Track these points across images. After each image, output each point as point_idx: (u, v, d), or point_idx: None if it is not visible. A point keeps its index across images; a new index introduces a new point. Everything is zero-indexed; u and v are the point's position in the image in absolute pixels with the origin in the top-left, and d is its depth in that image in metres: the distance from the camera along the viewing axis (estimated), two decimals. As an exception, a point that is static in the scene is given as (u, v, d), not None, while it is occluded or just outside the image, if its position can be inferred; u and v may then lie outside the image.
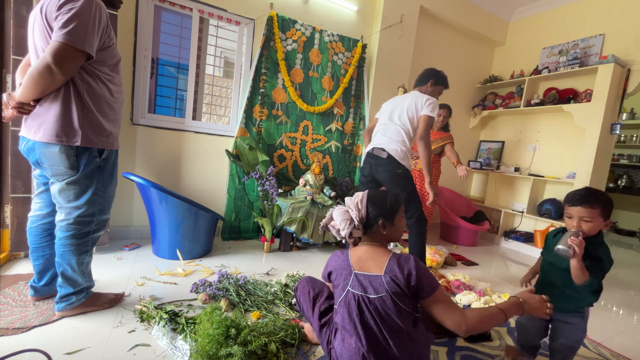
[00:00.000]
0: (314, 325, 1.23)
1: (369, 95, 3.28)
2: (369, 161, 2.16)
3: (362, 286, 1.06)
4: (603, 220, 1.21)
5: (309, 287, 1.31)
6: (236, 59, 2.85)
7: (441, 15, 3.54)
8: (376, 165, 2.10)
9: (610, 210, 1.21)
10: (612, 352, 1.61)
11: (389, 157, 2.05)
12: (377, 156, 2.09)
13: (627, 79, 2.95)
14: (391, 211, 1.17)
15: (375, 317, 1.02)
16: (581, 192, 1.24)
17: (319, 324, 1.20)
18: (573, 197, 1.25)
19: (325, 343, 1.18)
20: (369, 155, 2.17)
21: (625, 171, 5.12)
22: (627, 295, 2.51)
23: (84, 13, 1.17)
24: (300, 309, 1.35)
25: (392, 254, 1.09)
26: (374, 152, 2.12)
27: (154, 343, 1.30)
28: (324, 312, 1.22)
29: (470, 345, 1.52)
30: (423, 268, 1.04)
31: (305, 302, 1.28)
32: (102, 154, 1.36)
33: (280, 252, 2.63)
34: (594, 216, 1.20)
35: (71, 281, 1.39)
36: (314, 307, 1.25)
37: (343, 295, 1.09)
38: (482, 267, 2.82)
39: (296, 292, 1.36)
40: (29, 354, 1.12)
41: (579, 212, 1.22)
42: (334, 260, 1.20)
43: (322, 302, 1.25)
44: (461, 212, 3.83)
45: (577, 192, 1.25)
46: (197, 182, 2.73)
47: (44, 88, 1.19)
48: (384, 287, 1.02)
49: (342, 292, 1.10)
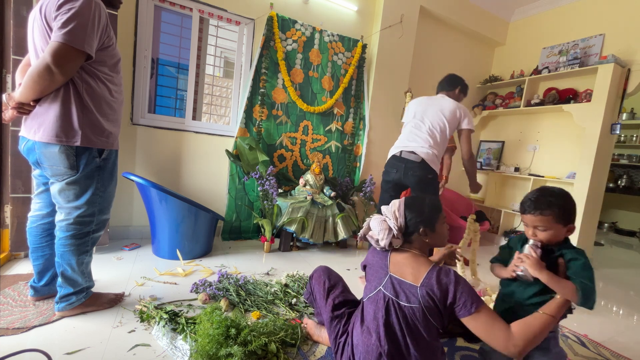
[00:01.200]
0: (325, 315, 1.23)
1: (369, 95, 3.27)
2: (397, 165, 2.06)
3: (394, 290, 1.04)
4: (562, 226, 1.02)
5: (324, 277, 1.32)
6: (236, 59, 2.85)
7: (441, 15, 3.54)
8: (406, 168, 2.01)
9: (569, 214, 1.02)
10: (612, 352, 1.61)
11: (422, 162, 1.98)
12: (409, 160, 2.01)
13: (627, 79, 2.95)
14: (431, 217, 1.11)
15: (401, 323, 1.00)
16: (532, 196, 1.06)
17: (331, 315, 1.21)
18: (524, 203, 1.07)
19: (334, 336, 1.18)
20: (397, 159, 2.07)
21: (625, 171, 5.12)
22: (627, 295, 2.51)
23: (84, 13, 1.17)
24: (310, 297, 1.36)
25: (433, 266, 1.02)
26: (403, 155, 2.03)
27: (154, 343, 1.30)
28: (338, 305, 1.23)
29: (470, 345, 1.52)
30: (463, 284, 0.97)
31: (319, 291, 1.29)
32: (102, 154, 1.36)
33: (280, 252, 2.63)
34: (547, 223, 1.01)
35: (71, 281, 1.39)
36: (327, 297, 1.26)
37: (374, 292, 1.09)
38: (482, 267, 2.82)
39: (311, 280, 1.37)
40: (29, 354, 1.12)
41: (531, 221, 1.05)
42: (372, 255, 1.20)
43: (337, 295, 1.26)
44: (461, 212, 3.83)
45: (529, 196, 1.07)
46: (197, 182, 2.73)
47: (44, 88, 1.19)
48: (417, 299, 0.98)
49: (373, 290, 1.10)
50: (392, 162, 2.11)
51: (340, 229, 2.75)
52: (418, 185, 2.01)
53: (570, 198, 1.04)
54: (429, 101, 2.15)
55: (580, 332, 1.78)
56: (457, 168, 4.19)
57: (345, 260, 2.60)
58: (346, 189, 3.14)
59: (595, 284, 0.96)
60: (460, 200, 3.93)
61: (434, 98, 2.18)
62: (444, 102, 2.10)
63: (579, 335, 1.74)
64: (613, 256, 3.80)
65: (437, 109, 2.07)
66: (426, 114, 2.09)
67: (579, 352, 1.58)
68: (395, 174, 2.07)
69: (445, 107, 2.07)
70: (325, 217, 2.73)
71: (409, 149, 2.02)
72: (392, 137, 3.23)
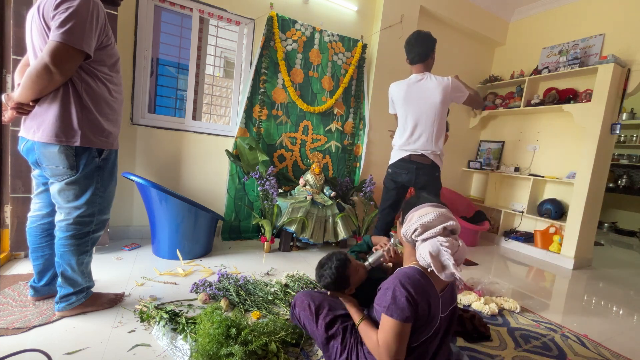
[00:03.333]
0: (319, 339, 1.20)
1: (369, 95, 3.27)
2: (408, 166, 2.04)
3: None
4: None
5: (308, 300, 1.27)
6: (236, 59, 2.85)
7: (441, 15, 3.54)
8: (417, 169, 2.02)
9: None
10: (612, 352, 1.61)
11: (432, 163, 2.01)
12: (419, 162, 2.01)
13: (627, 79, 2.95)
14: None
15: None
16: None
17: (325, 336, 1.17)
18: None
19: (334, 357, 1.15)
20: (406, 161, 2.05)
21: (625, 171, 5.12)
22: (627, 295, 2.51)
23: (81, 12, 1.16)
24: (300, 325, 1.31)
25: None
26: (412, 158, 2.02)
27: (154, 343, 1.30)
28: (330, 323, 1.19)
29: (470, 345, 1.52)
30: (388, 284, 1.01)
31: (307, 316, 1.24)
32: (101, 153, 1.36)
33: (280, 252, 2.63)
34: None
35: (71, 281, 1.39)
36: (317, 320, 1.21)
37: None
38: (482, 267, 2.82)
39: (294, 310, 1.31)
40: (29, 354, 1.12)
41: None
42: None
43: (325, 314, 1.21)
44: (461, 212, 3.83)
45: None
46: (197, 182, 2.73)
47: (42, 88, 1.19)
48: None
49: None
50: (400, 164, 2.09)
51: (340, 229, 2.75)
52: (429, 184, 2.03)
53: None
54: (417, 94, 2.01)
55: (580, 332, 1.78)
56: (458, 168, 4.19)
57: (345, 260, 2.60)
58: (346, 189, 3.14)
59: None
60: (460, 200, 3.93)
61: (419, 87, 2.02)
62: (432, 92, 1.97)
63: (579, 335, 1.74)
64: (613, 256, 3.80)
65: (429, 99, 1.97)
66: (421, 107, 2.00)
67: (579, 352, 1.58)
68: (406, 176, 2.06)
69: (437, 98, 1.96)
70: (325, 217, 2.73)
71: (418, 152, 2.02)
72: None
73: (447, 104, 2.04)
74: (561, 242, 3.18)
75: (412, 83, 2.05)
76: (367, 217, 3.00)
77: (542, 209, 3.43)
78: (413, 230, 1.03)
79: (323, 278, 1.22)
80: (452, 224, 1.00)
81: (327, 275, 1.20)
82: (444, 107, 2.02)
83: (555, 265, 3.12)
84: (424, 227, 1.01)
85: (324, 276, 1.21)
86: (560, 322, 1.89)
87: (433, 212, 1.02)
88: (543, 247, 3.31)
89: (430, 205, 1.05)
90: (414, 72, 2.08)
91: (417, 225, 1.02)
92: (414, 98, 2.04)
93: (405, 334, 0.96)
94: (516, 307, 1.96)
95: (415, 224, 1.02)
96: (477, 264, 2.90)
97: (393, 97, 2.16)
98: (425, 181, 2.04)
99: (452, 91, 2.00)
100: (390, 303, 0.95)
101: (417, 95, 2.03)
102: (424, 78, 2.03)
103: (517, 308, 1.95)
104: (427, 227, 1.01)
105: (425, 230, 1.01)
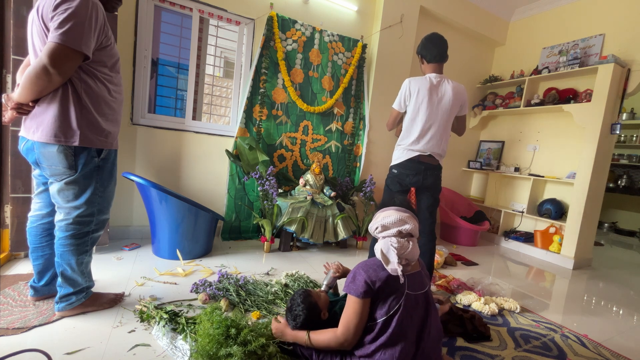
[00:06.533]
0: (306, 351, 1.22)
1: (369, 95, 3.27)
2: (417, 167, 1.99)
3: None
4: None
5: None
6: (236, 59, 2.85)
7: (441, 15, 3.54)
8: (426, 170, 1.98)
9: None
10: (612, 352, 1.61)
11: (439, 165, 2.02)
12: (429, 163, 1.99)
13: (627, 79, 2.95)
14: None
15: None
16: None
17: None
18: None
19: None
20: (416, 162, 1.99)
21: (625, 171, 5.12)
22: (627, 295, 2.51)
23: (80, 13, 1.16)
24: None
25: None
26: (421, 159, 1.99)
27: (154, 343, 1.30)
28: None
29: (470, 345, 1.52)
30: (352, 270, 1.16)
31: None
32: (100, 153, 1.36)
33: (280, 252, 2.63)
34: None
35: (71, 281, 1.39)
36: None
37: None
38: (482, 267, 2.82)
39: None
40: (29, 354, 1.12)
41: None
42: None
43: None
44: (461, 212, 3.84)
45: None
46: (197, 182, 2.73)
47: (42, 89, 1.19)
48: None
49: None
50: (408, 164, 2.01)
51: (341, 229, 2.75)
52: (435, 185, 2.03)
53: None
54: (437, 95, 1.98)
55: (580, 332, 1.78)
56: (458, 168, 4.19)
57: (345, 260, 2.60)
58: (346, 189, 3.14)
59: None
60: (460, 200, 3.93)
61: (439, 89, 1.98)
62: (449, 90, 1.96)
63: (579, 335, 1.74)
64: (613, 256, 3.80)
65: (446, 101, 1.96)
66: (438, 112, 1.97)
67: (579, 352, 1.58)
68: (414, 177, 2.00)
69: (450, 97, 1.96)
70: (325, 217, 2.73)
71: (427, 153, 1.98)
72: (392, 137, 3.24)
73: (457, 110, 2.05)
74: (561, 242, 3.18)
75: (433, 83, 1.98)
76: (367, 217, 3.00)
77: (542, 209, 3.43)
78: (375, 227, 1.20)
79: (298, 316, 1.23)
80: (407, 227, 1.15)
81: (300, 311, 1.23)
82: (455, 112, 2.04)
83: (555, 265, 3.12)
84: (383, 227, 1.17)
85: (298, 314, 1.23)
86: (560, 322, 1.89)
87: (394, 216, 1.16)
88: (543, 247, 3.32)
89: (395, 209, 1.20)
90: (430, 72, 2.01)
91: (378, 225, 1.18)
92: (433, 98, 1.97)
93: (363, 311, 1.09)
94: (516, 307, 1.96)
95: (378, 223, 1.18)
96: (477, 263, 2.90)
97: (411, 92, 2.01)
98: (431, 182, 2.02)
99: (464, 101, 2.04)
100: (350, 282, 1.12)
101: (436, 96, 1.98)
102: (442, 80, 1.99)
103: (517, 308, 1.96)
104: (386, 227, 1.17)
105: (384, 230, 1.17)
